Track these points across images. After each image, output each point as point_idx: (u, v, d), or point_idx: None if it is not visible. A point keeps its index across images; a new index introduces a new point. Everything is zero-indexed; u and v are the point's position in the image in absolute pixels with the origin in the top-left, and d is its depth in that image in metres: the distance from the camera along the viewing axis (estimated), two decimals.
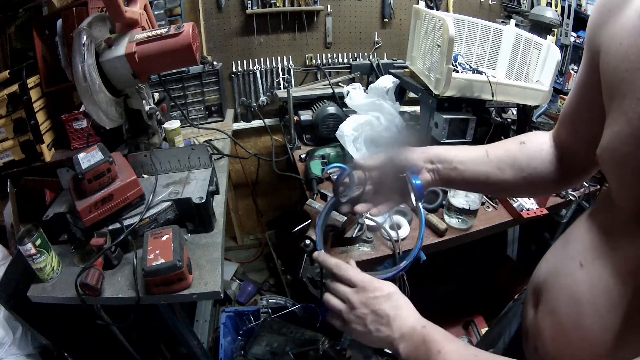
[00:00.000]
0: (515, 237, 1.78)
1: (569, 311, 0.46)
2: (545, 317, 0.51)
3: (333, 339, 1.23)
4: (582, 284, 0.45)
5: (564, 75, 1.92)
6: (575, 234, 0.52)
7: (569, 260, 0.48)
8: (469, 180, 0.63)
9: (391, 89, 1.40)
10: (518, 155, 0.61)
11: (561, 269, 0.50)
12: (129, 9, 1.04)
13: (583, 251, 0.47)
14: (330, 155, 1.44)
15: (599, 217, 0.48)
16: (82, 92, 0.95)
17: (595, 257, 0.44)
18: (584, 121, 0.53)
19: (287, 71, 1.86)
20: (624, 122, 0.38)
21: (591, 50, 0.47)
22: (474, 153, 0.63)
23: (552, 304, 0.50)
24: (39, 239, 0.84)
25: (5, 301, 0.98)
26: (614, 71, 0.40)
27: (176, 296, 0.86)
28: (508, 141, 0.64)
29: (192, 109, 1.71)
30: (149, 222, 0.97)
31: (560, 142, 0.60)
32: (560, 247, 0.55)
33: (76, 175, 0.89)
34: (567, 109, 0.58)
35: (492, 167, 0.61)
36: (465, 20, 1.43)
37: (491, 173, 0.61)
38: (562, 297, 0.48)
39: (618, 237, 0.42)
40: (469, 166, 0.62)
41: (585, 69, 0.50)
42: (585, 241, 0.48)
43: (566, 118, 0.58)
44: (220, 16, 1.73)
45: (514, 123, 1.43)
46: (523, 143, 0.62)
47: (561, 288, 0.49)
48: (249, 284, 2.03)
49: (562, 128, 0.60)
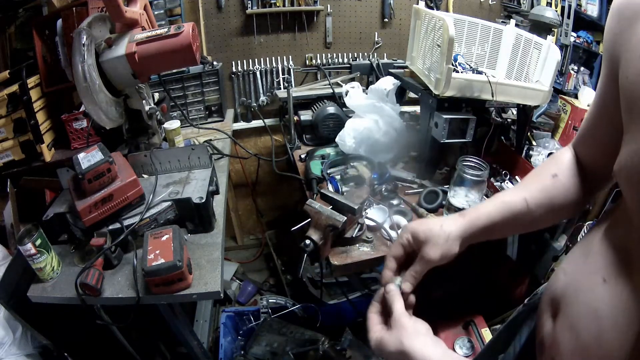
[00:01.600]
0: (515, 237, 1.78)
1: (589, 326, 0.45)
2: (565, 331, 0.50)
3: (333, 339, 1.23)
4: (603, 300, 0.44)
5: (564, 75, 1.92)
6: (595, 247, 0.50)
7: (591, 275, 0.47)
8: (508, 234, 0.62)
9: (391, 90, 1.40)
10: (555, 195, 0.59)
11: (582, 284, 0.49)
12: (129, 9, 1.04)
13: (605, 267, 0.46)
14: (330, 155, 1.44)
15: (618, 232, 0.47)
16: (82, 92, 0.95)
17: (617, 275, 0.44)
18: (607, 134, 0.51)
19: (287, 71, 1.86)
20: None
21: (611, 60, 0.45)
22: (515, 208, 0.58)
23: (571, 318, 0.49)
24: (39, 239, 0.84)
25: (5, 301, 0.98)
26: (633, 86, 0.39)
27: (176, 296, 0.86)
28: (541, 176, 0.61)
29: (192, 109, 1.71)
30: (149, 222, 0.97)
31: (582, 156, 0.59)
32: (579, 260, 0.54)
33: (76, 175, 0.89)
34: (588, 123, 0.56)
35: (533, 215, 0.59)
36: (465, 20, 1.43)
37: (532, 221, 0.60)
38: (583, 311, 0.47)
39: (638, 255, 0.42)
40: (510, 224, 0.59)
41: (605, 79, 0.48)
42: (607, 257, 0.46)
43: (587, 132, 0.57)
44: (220, 16, 1.73)
45: (514, 123, 1.43)
46: (555, 176, 0.59)
47: (582, 303, 0.48)
48: (249, 284, 2.03)
49: (583, 142, 0.58)
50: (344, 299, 1.43)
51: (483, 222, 0.58)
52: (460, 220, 0.58)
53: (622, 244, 0.45)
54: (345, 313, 1.36)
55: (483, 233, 0.59)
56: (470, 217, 0.58)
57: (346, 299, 1.45)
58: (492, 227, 0.58)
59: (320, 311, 1.34)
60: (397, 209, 1.19)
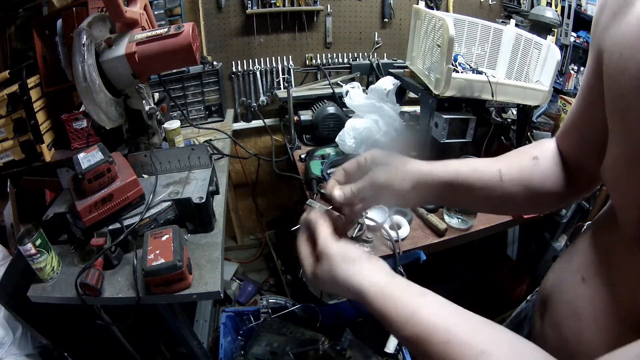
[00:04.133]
0: (515, 237, 1.79)
1: (570, 324, 0.45)
2: (549, 329, 0.50)
3: (333, 339, 1.23)
4: (583, 298, 0.44)
5: (564, 75, 1.92)
6: (579, 247, 0.50)
7: (572, 273, 0.48)
8: (473, 205, 0.60)
9: (391, 91, 1.40)
10: (532, 176, 0.54)
11: (565, 282, 0.49)
12: (129, 9, 1.04)
13: (585, 266, 0.46)
14: (330, 155, 1.44)
15: (602, 232, 0.47)
16: (82, 92, 0.95)
17: (596, 273, 0.44)
18: (591, 127, 0.48)
19: (287, 71, 1.86)
20: (625, 145, 0.36)
21: (596, 55, 0.42)
22: (485, 176, 0.54)
23: (555, 317, 0.49)
24: (39, 239, 0.84)
25: (5, 301, 0.98)
26: (615, 85, 0.37)
27: (176, 296, 0.86)
28: (521, 156, 0.57)
29: (192, 109, 1.71)
30: (149, 222, 0.97)
31: (565, 150, 0.55)
32: (566, 260, 0.53)
33: (76, 175, 0.89)
34: (573, 115, 0.53)
35: (504, 191, 0.54)
36: (465, 20, 1.43)
37: (502, 196, 0.55)
38: (564, 310, 0.47)
39: (618, 255, 0.41)
40: (477, 193, 0.54)
41: (590, 73, 0.45)
42: (588, 256, 0.46)
43: (571, 125, 0.54)
44: (220, 16, 1.73)
45: (514, 123, 1.43)
46: (536, 159, 0.55)
47: (564, 301, 0.48)
48: (249, 284, 2.03)
49: (567, 135, 0.55)
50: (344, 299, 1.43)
51: (447, 177, 0.52)
52: (426, 166, 0.53)
53: (604, 244, 0.45)
54: (345, 313, 1.36)
55: (443, 189, 0.53)
56: (435, 167, 0.53)
57: (346, 299, 1.45)
58: (455, 187, 0.53)
59: (320, 311, 1.33)
60: (397, 209, 1.19)
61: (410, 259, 1.07)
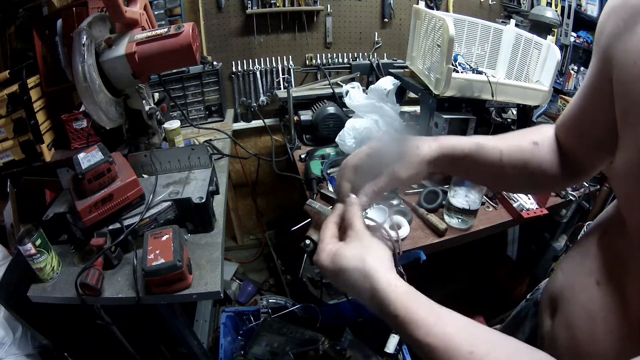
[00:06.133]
0: (515, 237, 1.79)
1: (583, 325, 0.46)
2: (562, 329, 0.51)
3: (333, 339, 1.23)
4: (596, 301, 0.45)
5: (564, 75, 1.92)
6: (591, 250, 0.51)
7: (586, 276, 0.48)
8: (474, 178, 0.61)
9: (391, 91, 1.40)
10: (532, 160, 0.57)
11: (578, 284, 0.50)
12: (129, 9, 1.04)
13: (599, 270, 0.47)
14: (330, 155, 1.44)
15: (613, 237, 0.47)
16: (82, 92, 0.95)
17: (610, 278, 0.44)
18: (591, 125, 0.50)
19: (287, 71, 1.86)
20: (636, 151, 0.37)
21: (603, 60, 0.43)
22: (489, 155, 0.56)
23: (568, 317, 0.50)
24: (39, 239, 0.84)
25: (5, 301, 0.98)
26: (628, 93, 0.38)
27: (176, 296, 0.86)
28: (522, 139, 0.59)
29: (192, 109, 1.71)
30: (149, 222, 0.97)
31: (563, 140, 0.57)
32: (576, 261, 0.54)
33: (76, 175, 0.89)
34: (572, 112, 0.54)
35: (503, 172, 0.56)
36: (465, 20, 1.44)
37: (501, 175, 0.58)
38: (578, 311, 0.48)
39: (631, 261, 0.42)
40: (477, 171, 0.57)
41: (595, 76, 0.46)
42: (601, 260, 0.47)
43: (570, 121, 0.55)
44: (220, 16, 1.73)
45: (514, 123, 1.43)
46: (537, 144, 0.57)
47: (577, 303, 0.49)
48: (249, 284, 2.03)
49: (565, 129, 0.56)
50: (344, 299, 1.43)
51: (455, 152, 0.55)
52: (435, 145, 0.55)
53: (616, 248, 0.46)
54: (345, 313, 1.36)
55: (452, 164, 0.56)
56: (443, 143, 0.55)
57: (346, 299, 1.45)
58: (461, 160, 0.55)
59: (320, 311, 1.33)
60: (397, 208, 1.19)
61: (411, 259, 1.07)
